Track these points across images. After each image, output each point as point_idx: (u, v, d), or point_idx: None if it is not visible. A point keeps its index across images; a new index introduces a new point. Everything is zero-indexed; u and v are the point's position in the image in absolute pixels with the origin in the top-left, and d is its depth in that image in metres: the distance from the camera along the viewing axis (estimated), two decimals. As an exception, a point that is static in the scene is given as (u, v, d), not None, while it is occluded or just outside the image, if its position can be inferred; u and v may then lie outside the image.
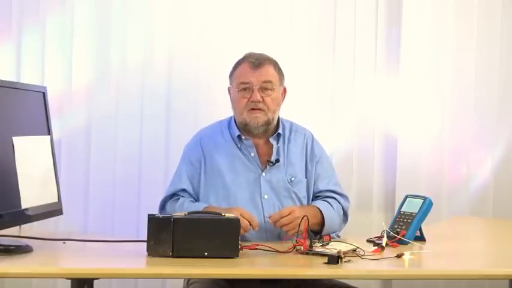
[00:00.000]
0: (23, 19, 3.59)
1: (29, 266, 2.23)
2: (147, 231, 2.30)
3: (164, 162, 3.57)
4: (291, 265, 2.34)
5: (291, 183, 2.86)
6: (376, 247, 2.49)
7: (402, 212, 2.71)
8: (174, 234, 2.29)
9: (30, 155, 2.47)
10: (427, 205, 2.70)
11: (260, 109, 2.83)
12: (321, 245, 2.44)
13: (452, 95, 3.71)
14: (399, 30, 3.68)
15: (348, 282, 2.68)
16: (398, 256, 2.38)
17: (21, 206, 2.38)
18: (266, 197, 2.83)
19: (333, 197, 2.89)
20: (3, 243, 2.32)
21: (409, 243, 2.60)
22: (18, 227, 2.51)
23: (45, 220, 2.65)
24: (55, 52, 3.60)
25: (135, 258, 2.33)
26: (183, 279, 2.78)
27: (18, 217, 2.39)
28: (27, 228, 2.56)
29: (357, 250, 2.42)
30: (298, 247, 2.42)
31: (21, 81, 3.45)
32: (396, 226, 2.66)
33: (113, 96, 3.62)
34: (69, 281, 2.24)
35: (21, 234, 2.47)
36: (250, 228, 2.60)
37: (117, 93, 3.62)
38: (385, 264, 2.34)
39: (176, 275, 2.45)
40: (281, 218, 2.65)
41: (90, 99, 3.61)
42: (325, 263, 2.26)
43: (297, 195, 2.86)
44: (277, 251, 2.41)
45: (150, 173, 3.61)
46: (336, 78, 3.70)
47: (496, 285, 3.59)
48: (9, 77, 3.48)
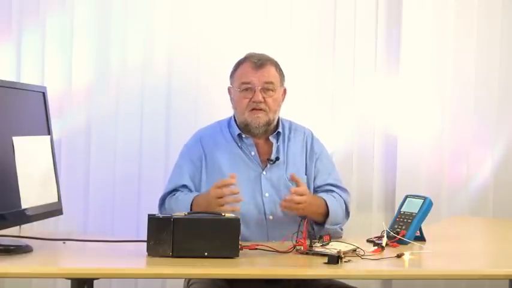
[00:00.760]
0: (23, 19, 3.59)
1: (29, 266, 2.23)
2: (147, 231, 2.30)
3: (164, 162, 3.57)
4: (291, 265, 2.34)
5: (291, 181, 2.86)
6: (376, 247, 2.49)
7: (402, 212, 2.70)
8: (174, 234, 2.29)
9: (30, 155, 2.47)
10: (427, 205, 2.70)
11: (261, 109, 2.84)
12: (321, 245, 2.44)
13: (452, 95, 3.71)
14: (399, 30, 3.68)
15: (348, 282, 2.68)
16: (398, 256, 2.38)
17: (21, 206, 2.38)
18: (267, 195, 2.84)
19: (333, 190, 2.90)
20: (3, 243, 2.32)
21: (409, 243, 2.59)
22: (18, 227, 2.51)
23: (45, 220, 2.65)
24: (55, 52, 3.60)
25: (135, 258, 2.33)
26: (183, 280, 2.78)
27: (18, 217, 2.39)
28: (27, 228, 2.56)
29: (357, 250, 2.41)
30: (298, 247, 2.41)
31: (21, 81, 3.45)
32: (396, 226, 2.66)
33: (113, 96, 3.62)
34: (69, 281, 2.23)
35: (21, 234, 2.47)
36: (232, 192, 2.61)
37: (117, 93, 3.62)
38: (385, 264, 2.34)
39: (176, 275, 2.45)
40: (296, 195, 2.66)
41: (90, 99, 3.61)
42: (325, 263, 2.26)
43: (297, 193, 2.86)
44: (277, 251, 2.41)
45: (150, 172, 3.61)
46: (336, 78, 3.70)
47: (496, 285, 3.59)
48: (9, 77, 3.48)
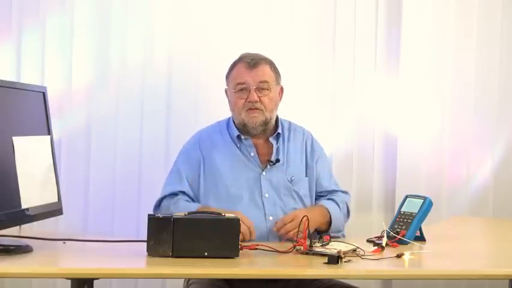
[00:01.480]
0: (23, 19, 3.58)
1: (29, 266, 2.23)
2: (147, 231, 2.30)
3: (164, 162, 3.56)
4: (291, 265, 2.34)
5: (291, 182, 2.86)
6: (376, 247, 2.49)
7: (402, 212, 2.70)
8: (174, 234, 2.29)
9: (30, 155, 2.47)
10: (427, 205, 2.70)
11: (257, 109, 2.84)
12: (321, 245, 2.44)
13: (452, 95, 3.71)
14: (399, 30, 3.68)
15: (348, 282, 2.68)
16: (398, 256, 2.38)
17: (21, 206, 2.38)
18: (267, 195, 2.83)
19: (334, 195, 2.90)
20: (3, 243, 2.32)
21: (409, 243, 2.59)
22: (18, 227, 2.51)
23: (45, 220, 2.65)
24: (55, 52, 3.60)
25: (135, 258, 2.33)
26: (183, 280, 2.78)
27: (18, 217, 2.39)
28: (27, 228, 2.56)
29: (357, 250, 2.42)
30: (298, 247, 2.42)
31: (21, 81, 3.45)
32: (396, 226, 2.66)
33: (113, 96, 3.62)
34: (69, 281, 2.23)
35: (21, 234, 2.47)
36: (248, 236, 2.60)
37: (117, 93, 3.62)
38: (385, 264, 2.34)
39: (176, 275, 2.45)
40: (284, 225, 2.66)
41: (90, 99, 3.61)
42: (325, 263, 2.26)
43: (297, 194, 2.86)
44: (277, 251, 2.41)
45: (150, 172, 3.61)
46: (336, 78, 3.70)
47: (496, 285, 3.59)
48: (9, 77, 3.48)
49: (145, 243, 2.31)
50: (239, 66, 2.88)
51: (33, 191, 2.46)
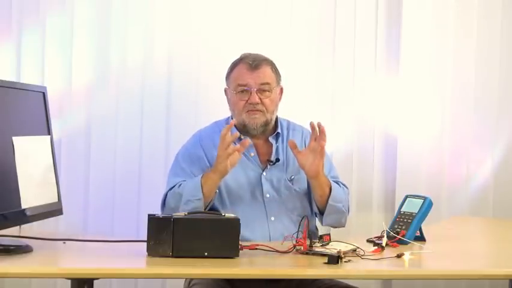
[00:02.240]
0: (23, 19, 3.59)
1: (29, 266, 2.23)
2: (147, 231, 2.30)
3: (164, 162, 3.56)
4: (291, 265, 2.34)
5: (291, 181, 2.86)
6: (376, 247, 2.49)
7: (402, 212, 2.70)
8: (174, 234, 2.29)
9: (30, 155, 2.47)
10: (427, 205, 2.69)
11: (259, 110, 2.83)
12: (321, 245, 2.43)
13: (452, 95, 3.71)
14: (399, 30, 3.68)
15: (348, 282, 2.68)
16: (398, 256, 2.38)
17: (21, 206, 2.38)
18: (268, 195, 2.83)
19: (338, 182, 2.88)
20: (3, 243, 2.32)
21: (409, 243, 2.59)
22: (18, 227, 2.51)
23: (45, 220, 2.65)
24: (55, 52, 3.60)
25: (135, 258, 2.33)
26: (184, 281, 2.78)
27: (18, 217, 2.39)
28: (27, 228, 2.56)
29: (357, 250, 2.41)
30: (298, 247, 2.41)
31: (21, 81, 3.45)
32: (396, 226, 2.66)
33: (113, 96, 3.62)
34: (69, 281, 2.23)
35: (21, 234, 2.47)
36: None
37: (117, 93, 3.62)
38: (385, 264, 2.34)
39: (176, 275, 2.45)
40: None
41: (90, 99, 3.61)
42: (325, 263, 2.26)
43: (298, 193, 2.86)
44: (277, 251, 2.41)
45: (150, 172, 3.61)
46: (336, 78, 3.70)
47: (496, 285, 3.59)
48: (9, 77, 3.47)
49: (145, 243, 2.31)
50: (240, 67, 2.87)
51: (33, 191, 2.46)
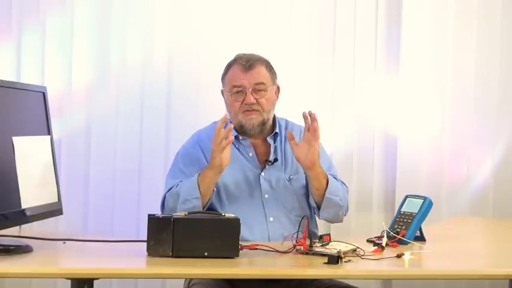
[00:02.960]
0: (23, 19, 3.59)
1: (29, 266, 2.23)
2: (147, 231, 2.30)
3: (164, 162, 3.56)
4: (291, 265, 2.34)
5: (290, 181, 2.86)
6: (376, 247, 2.49)
7: (402, 212, 2.70)
8: (174, 234, 2.29)
9: (30, 155, 2.47)
10: (427, 205, 2.69)
11: (255, 110, 2.82)
12: (321, 245, 2.43)
13: (452, 95, 3.71)
14: (399, 30, 3.68)
15: (348, 282, 2.68)
16: (398, 256, 2.38)
17: (21, 206, 2.38)
18: (266, 196, 2.83)
19: (337, 180, 2.87)
20: (3, 243, 2.32)
21: (409, 243, 2.59)
22: (18, 227, 2.51)
23: (45, 220, 2.65)
24: (55, 52, 3.60)
25: (135, 258, 2.33)
26: (184, 281, 2.78)
27: (18, 217, 2.39)
28: (27, 228, 2.56)
29: (357, 250, 2.41)
30: (298, 247, 2.41)
31: (21, 81, 3.45)
32: (396, 226, 2.66)
33: (113, 96, 3.62)
34: (69, 281, 2.23)
35: (21, 234, 2.47)
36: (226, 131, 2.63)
37: (117, 93, 3.62)
38: (385, 264, 2.34)
39: (176, 275, 2.45)
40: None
41: (90, 99, 3.62)
42: (325, 263, 2.26)
43: (296, 193, 2.86)
44: (277, 251, 2.41)
45: (150, 172, 3.61)
46: (336, 78, 3.69)
47: (496, 285, 3.59)
48: (9, 77, 3.47)
49: (145, 243, 2.31)
50: (234, 68, 2.86)
51: (33, 191, 2.46)
